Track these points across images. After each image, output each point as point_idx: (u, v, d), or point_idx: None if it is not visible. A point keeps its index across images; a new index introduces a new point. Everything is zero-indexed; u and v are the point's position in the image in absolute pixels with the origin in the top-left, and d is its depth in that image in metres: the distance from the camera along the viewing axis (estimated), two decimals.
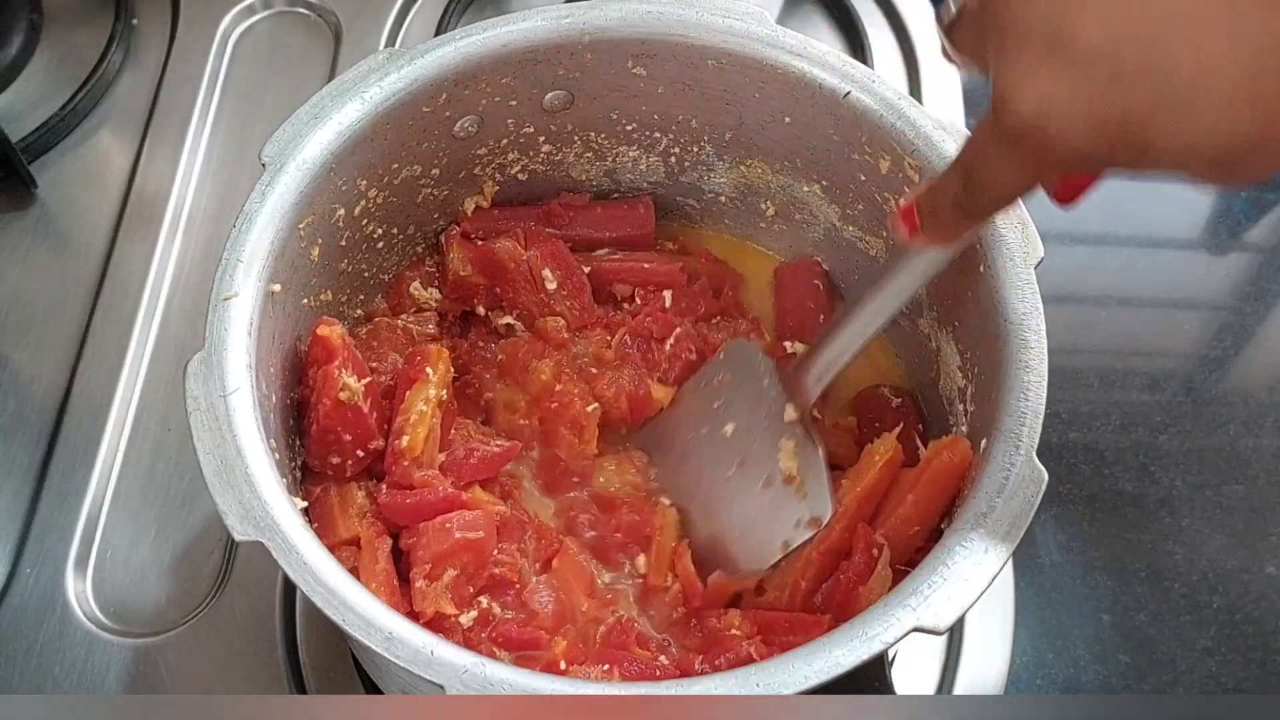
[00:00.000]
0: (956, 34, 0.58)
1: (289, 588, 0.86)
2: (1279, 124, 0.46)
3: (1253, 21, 0.45)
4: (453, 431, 0.78)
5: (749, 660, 0.67)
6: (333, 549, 0.70)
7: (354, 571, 0.69)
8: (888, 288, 0.70)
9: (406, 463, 0.73)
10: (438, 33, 1.13)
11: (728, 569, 0.75)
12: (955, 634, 0.87)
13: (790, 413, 0.75)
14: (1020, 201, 0.71)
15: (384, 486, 0.74)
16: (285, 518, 0.61)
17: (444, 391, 0.76)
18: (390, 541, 0.72)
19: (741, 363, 0.79)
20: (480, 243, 0.85)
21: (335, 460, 0.74)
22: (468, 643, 0.69)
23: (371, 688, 0.82)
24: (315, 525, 0.73)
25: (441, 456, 0.76)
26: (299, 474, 0.75)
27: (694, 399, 0.82)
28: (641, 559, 0.78)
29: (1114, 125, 0.49)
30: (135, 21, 1.14)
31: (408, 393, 0.75)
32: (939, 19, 0.57)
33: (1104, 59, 0.48)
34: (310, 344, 0.74)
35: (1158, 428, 0.97)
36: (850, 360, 0.73)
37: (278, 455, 0.67)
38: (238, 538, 0.59)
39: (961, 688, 0.84)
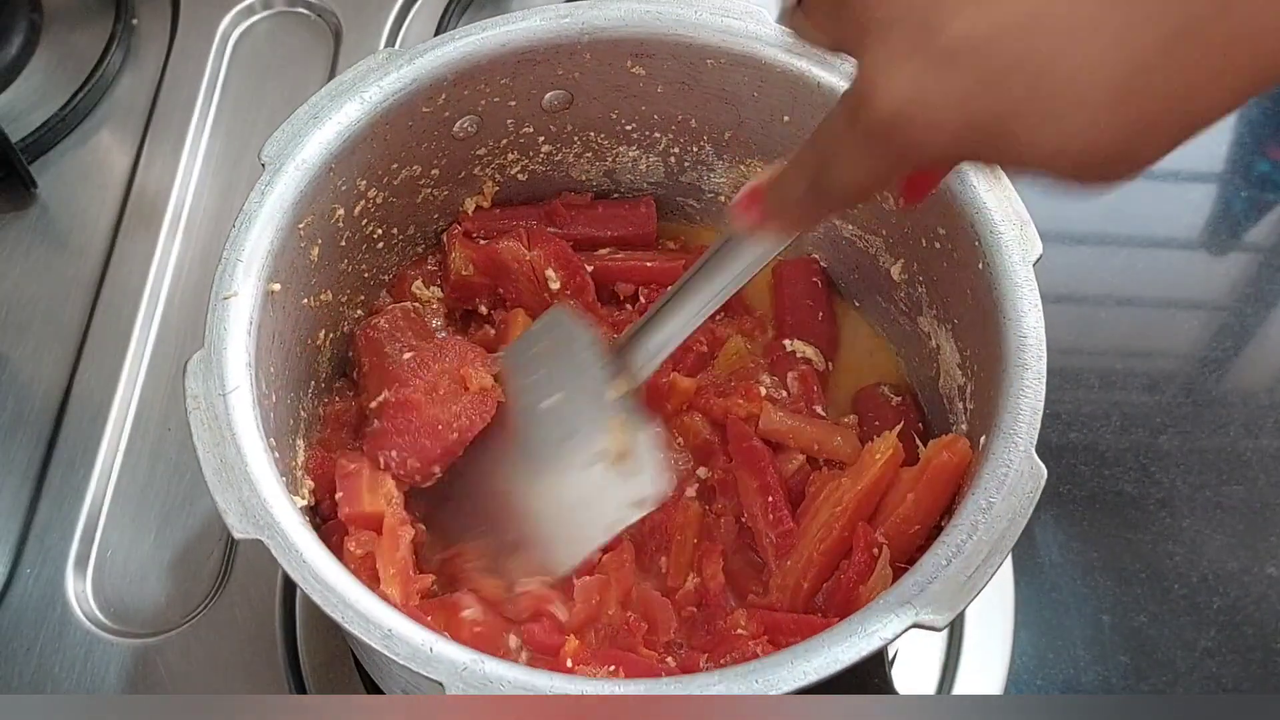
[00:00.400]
0: (812, 12, 0.53)
1: (289, 588, 0.86)
2: (1157, 127, 0.44)
3: (1139, 19, 0.42)
4: None
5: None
6: (350, 519, 0.71)
7: (367, 557, 0.70)
8: (724, 272, 0.66)
9: None
10: (438, 33, 1.13)
11: (543, 560, 0.73)
12: (955, 634, 0.86)
13: (614, 391, 0.72)
14: (1013, 196, 0.71)
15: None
16: (285, 516, 0.61)
17: None
18: (412, 532, 0.73)
19: (560, 333, 0.76)
20: (483, 242, 0.85)
21: (412, 464, 0.74)
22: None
23: (372, 688, 0.82)
24: (340, 494, 0.72)
25: None
26: (301, 473, 0.75)
27: (512, 373, 0.77)
28: (664, 559, 0.78)
29: (982, 124, 0.45)
30: (135, 21, 1.14)
31: None
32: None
33: (976, 53, 0.44)
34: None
35: (1158, 428, 0.97)
36: (678, 345, 0.71)
37: (277, 454, 0.67)
38: (237, 536, 0.59)
39: (961, 688, 0.84)
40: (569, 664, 0.69)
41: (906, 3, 0.46)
